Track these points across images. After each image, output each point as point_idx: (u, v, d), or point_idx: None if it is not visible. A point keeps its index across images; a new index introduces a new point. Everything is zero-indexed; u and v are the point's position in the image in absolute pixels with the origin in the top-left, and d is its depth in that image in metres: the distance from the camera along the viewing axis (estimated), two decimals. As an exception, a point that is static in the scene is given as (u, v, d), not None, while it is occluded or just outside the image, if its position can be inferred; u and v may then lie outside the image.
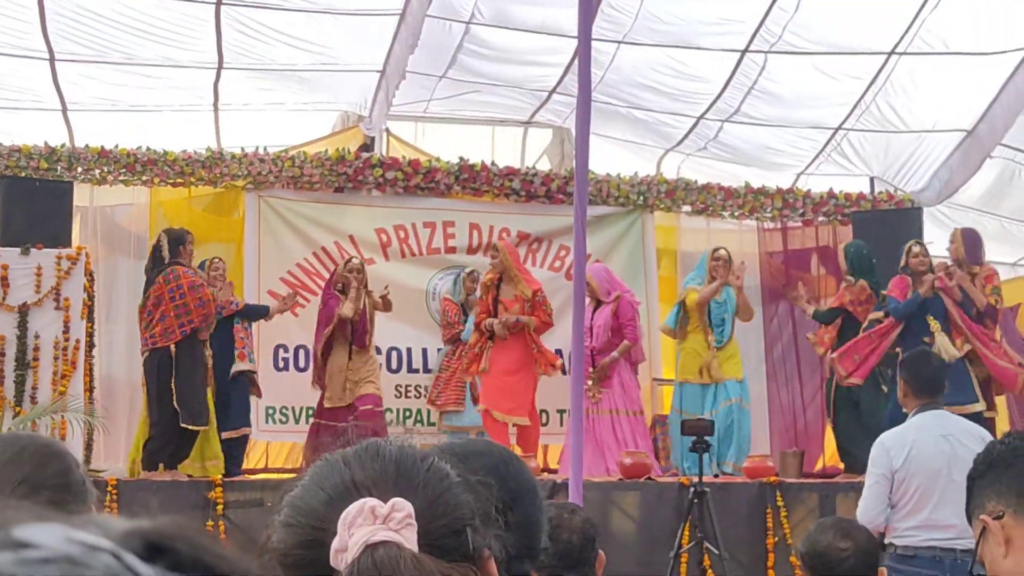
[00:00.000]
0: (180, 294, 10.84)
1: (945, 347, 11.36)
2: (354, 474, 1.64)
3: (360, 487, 1.62)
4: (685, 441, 11.49)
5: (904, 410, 7.14)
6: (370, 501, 1.58)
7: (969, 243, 12.17)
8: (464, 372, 12.49)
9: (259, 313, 12.07)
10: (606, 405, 12.36)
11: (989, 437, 6.64)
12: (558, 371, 12.37)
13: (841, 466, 12.51)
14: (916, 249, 11.98)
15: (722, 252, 12.85)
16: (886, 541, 6.91)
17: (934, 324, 11.64)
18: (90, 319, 11.55)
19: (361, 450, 1.66)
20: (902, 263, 11.92)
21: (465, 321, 12.63)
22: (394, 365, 13.17)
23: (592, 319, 12.33)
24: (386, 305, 12.27)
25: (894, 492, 6.80)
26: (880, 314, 11.90)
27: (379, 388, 12.10)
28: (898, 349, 11.34)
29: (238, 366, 11.65)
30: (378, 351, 12.73)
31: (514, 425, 12.07)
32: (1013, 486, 2.59)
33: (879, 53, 13.01)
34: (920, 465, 6.68)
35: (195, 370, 10.96)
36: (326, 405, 12.00)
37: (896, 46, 12.85)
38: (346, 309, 11.81)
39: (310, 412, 12.70)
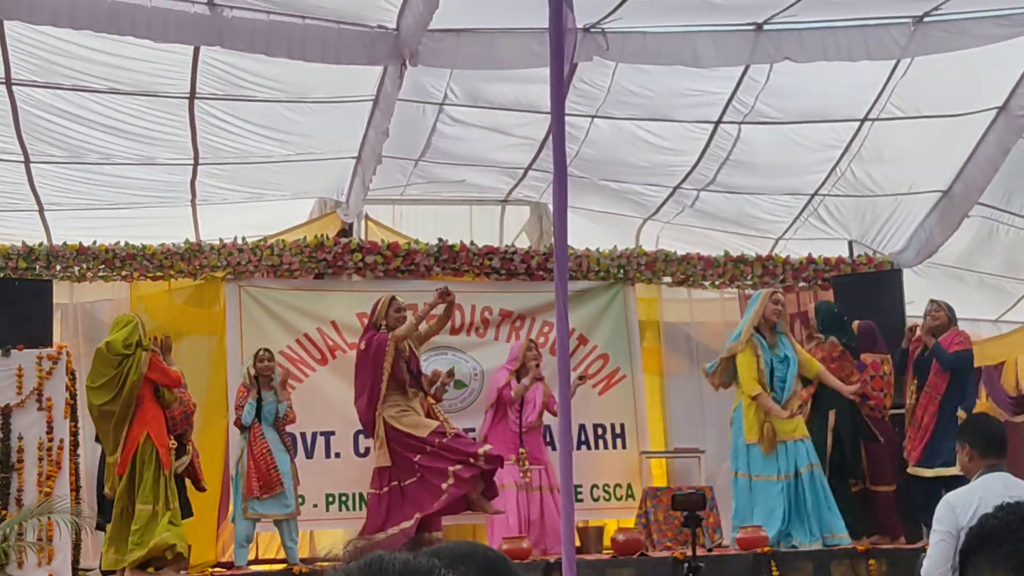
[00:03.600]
0: None
1: None
2: None
3: None
4: (755, 503, 11.46)
5: (968, 476, 6.98)
6: None
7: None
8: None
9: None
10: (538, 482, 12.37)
11: None
12: None
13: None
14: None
15: (779, 296, 12.32)
16: None
17: None
18: (73, 418, 11.47)
19: (366, 565, 1.61)
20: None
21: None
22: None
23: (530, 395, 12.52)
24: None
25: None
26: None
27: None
28: None
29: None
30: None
31: None
32: (1009, 562, 2.54)
33: (852, 120, 13.10)
34: None
35: None
36: (418, 434, 11.60)
37: (868, 112, 12.95)
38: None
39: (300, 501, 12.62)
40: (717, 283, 14.49)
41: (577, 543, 10.03)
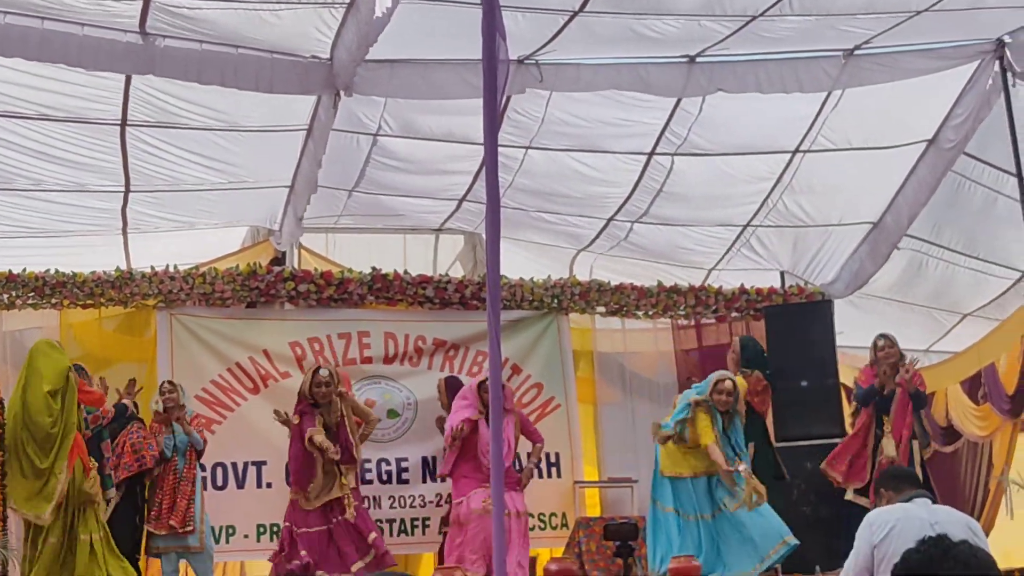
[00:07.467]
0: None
1: (888, 448, 11.71)
2: None
3: None
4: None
5: None
6: None
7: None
8: None
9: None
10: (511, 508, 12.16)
11: (976, 525, 6.68)
12: None
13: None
14: (881, 343, 12.21)
15: (727, 384, 11.82)
16: None
17: (886, 424, 11.91)
18: (2, 447, 11.32)
19: None
20: (870, 358, 12.24)
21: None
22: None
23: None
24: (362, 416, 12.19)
25: (875, 569, 6.75)
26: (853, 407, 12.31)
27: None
28: None
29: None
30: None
31: None
32: (933, 596, 2.57)
33: (784, 152, 13.21)
34: (898, 547, 6.59)
35: None
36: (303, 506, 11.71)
37: (799, 144, 13.06)
38: (318, 438, 11.56)
39: (231, 531, 12.55)
40: (650, 313, 14.55)
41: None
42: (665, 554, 11.79)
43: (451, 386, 12.87)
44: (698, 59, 11.65)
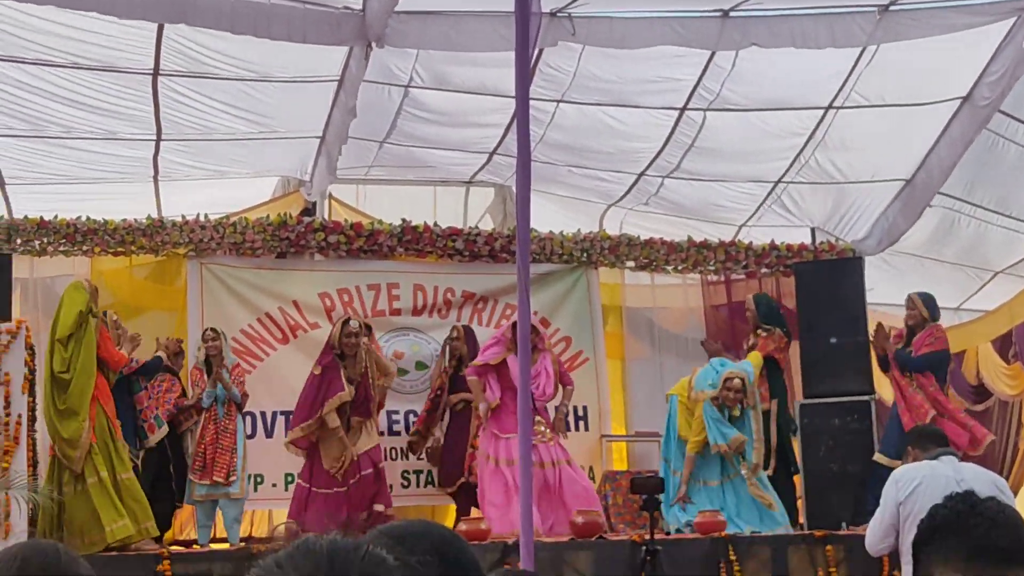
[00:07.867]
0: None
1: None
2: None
3: None
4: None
5: None
6: None
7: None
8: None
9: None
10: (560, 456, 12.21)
11: (1003, 483, 6.68)
12: None
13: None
14: (907, 303, 12.45)
15: (735, 383, 12.13)
16: None
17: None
18: (31, 393, 11.38)
19: (293, 550, 1.62)
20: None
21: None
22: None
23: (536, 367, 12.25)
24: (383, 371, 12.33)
25: (901, 526, 6.78)
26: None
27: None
28: None
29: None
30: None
31: None
32: (960, 552, 2.55)
33: (817, 108, 13.13)
34: (924, 504, 6.59)
35: None
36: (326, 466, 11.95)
37: (833, 100, 12.98)
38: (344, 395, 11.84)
39: (259, 480, 12.62)
40: (680, 268, 14.53)
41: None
42: (688, 519, 11.92)
43: (469, 334, 12.94)
44: (732, 13, 11.58)
